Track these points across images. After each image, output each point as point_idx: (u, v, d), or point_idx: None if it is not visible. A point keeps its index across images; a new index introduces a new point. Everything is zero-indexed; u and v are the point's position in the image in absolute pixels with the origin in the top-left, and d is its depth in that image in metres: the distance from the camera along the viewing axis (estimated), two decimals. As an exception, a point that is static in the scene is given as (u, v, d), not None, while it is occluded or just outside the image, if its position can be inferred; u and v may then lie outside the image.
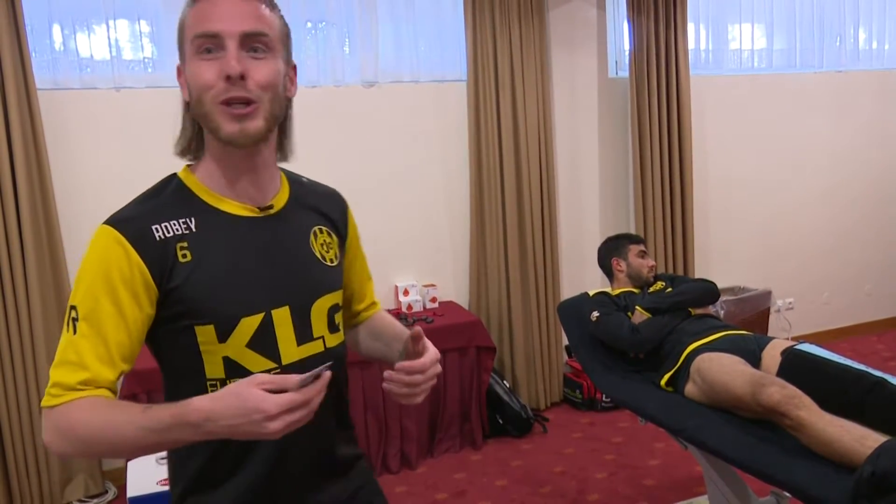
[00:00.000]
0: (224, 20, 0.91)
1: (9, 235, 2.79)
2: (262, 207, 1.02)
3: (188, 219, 0.96)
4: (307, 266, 1.03)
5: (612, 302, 2.49)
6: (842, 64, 4.49)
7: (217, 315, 0.95)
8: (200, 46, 0.92)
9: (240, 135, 0.93)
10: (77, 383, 0.89)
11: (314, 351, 1.03)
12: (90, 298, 0.91)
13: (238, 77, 0.91)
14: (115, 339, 0.92)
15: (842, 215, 4.59)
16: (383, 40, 3.44)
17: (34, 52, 2.90)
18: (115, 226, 0.93)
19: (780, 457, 1.66)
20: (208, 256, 0.96)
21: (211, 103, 0.92)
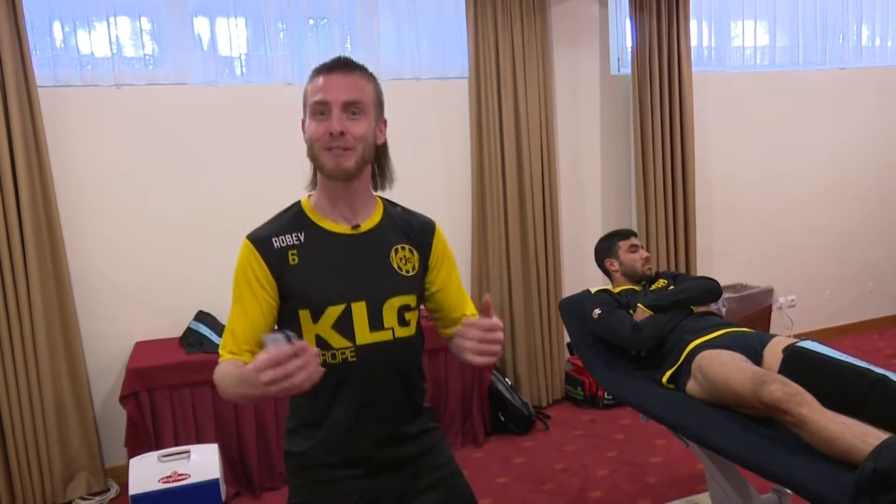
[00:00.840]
0: (332, 92, 1.27)
1: (9, 231, 2.79)
2: (353, 226, 1.36)
3: (299, 233, 1.34)
4: (384, 273, 1.36)
5: (613, 300, 2.49)
6: (845, 61, 4.47)
7: (311, 303, 1.30)
8: (315, 110, 1.29)
9: (336, 169, 1.29)
10: (231, 349, 1.29)
11: (384, 338, 1.34)
12: (237, 289, 1.32)
13: (339, 134, 1.27)
14: (253, 316, 1.30)
15: (844, 212, 4.58)
16: (385, 37, 3.43)
17: (35, 50, 2.90)
18: (251, 239, 1.33)
19: (782, 454, 1.65)
20: (310, 261, 1.32)
21: (319, 149, 1.29)
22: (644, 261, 2.59)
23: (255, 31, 3.26)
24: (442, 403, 3.25)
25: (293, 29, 3.29)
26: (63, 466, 2.96)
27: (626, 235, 2.67)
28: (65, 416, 2.96)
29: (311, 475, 1.36)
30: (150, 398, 2.79)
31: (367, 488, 1.35)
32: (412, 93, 3.50)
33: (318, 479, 1.35)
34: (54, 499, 2.96)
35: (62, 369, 2.93)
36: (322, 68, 1.31)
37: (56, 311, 2.92)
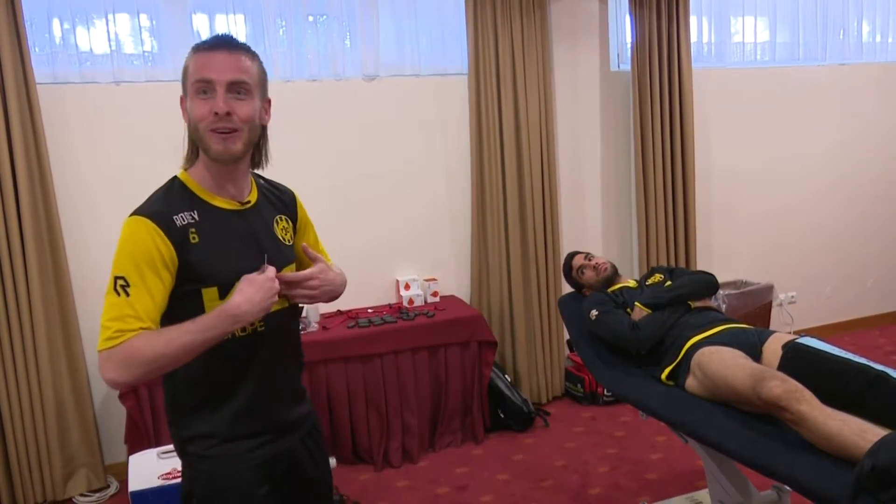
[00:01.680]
0: (216, 70, 1.25)
1: (9, 229, 2.79)
2: (241, 203, 1.38)
3: (192, 211, 1.31)
4: (274, 245, 1.41)
5: (609, 299, 2.48)
6: (845, 57, 4.46)
7: (219, 279, 1.30)
8: (197, 88, 1.27)
9: (224, 152, 1.29)
10: (137, 329, 1.21)
11: (282, 305, 1.40)
12: (136, 270, 1.23)
13: (224, 114, 1.26)
14: (159, 297, 1.25)
15: (845, 209, 4.58)
16: (384, 34, 3.43)
17: (34, 47, 2.89)
18: (150, 217, 1.26)
19: (781, 451, 1.65)
20: (209, 238, 1.30)
21: (203, 130, 1.28)
22: (597, 271, 2.66)
23: (255, 28, 3.25)
24: (442, 400, 3.25)
25: (292, 25, 3.28)
26: (63, 463, 2.97)
27: (569, 269, 2.77)
28: (65, 413, 2.96)
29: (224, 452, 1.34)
30: (149, 395, 2.80)
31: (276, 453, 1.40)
32: (412, 89, 3.50)
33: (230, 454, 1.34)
34: (54, 495, 2.97)
35: (62, 367, 2.94)
36: (204, 45, 1.28)
37: (56, 309, 2.92)
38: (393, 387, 3.14)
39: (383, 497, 2.86)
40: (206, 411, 1.34)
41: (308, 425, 1.50)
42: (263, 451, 1.38)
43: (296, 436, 1.46)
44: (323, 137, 3.38)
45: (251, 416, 1.36)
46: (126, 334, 1.20)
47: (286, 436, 1.43)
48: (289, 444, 1.44)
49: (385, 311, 3.39)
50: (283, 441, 1.42)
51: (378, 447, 3.13)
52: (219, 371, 1.33)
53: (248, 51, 1.32)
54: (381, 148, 3.48)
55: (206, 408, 1.35)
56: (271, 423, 1.40)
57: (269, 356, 1.38)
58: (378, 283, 3.54)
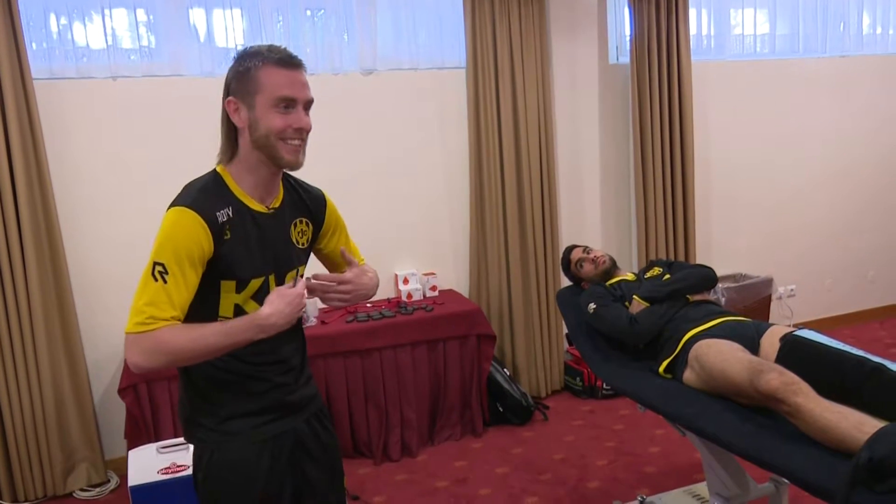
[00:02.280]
0: (299, 89, 1.37)
1: (7, 226, 2.79)
2: (268, 207, 1.45)
3: (229, 209, 1.37)
4: (287, 247, 1.49)
5: (608, 292, 2.48)
6: (845, 49, 4.44)
7: (238, 275, 1.39)
8: (279, 103, 1.34)
9: (296, 164, 1.40)
10: (169, 318, 1.27)
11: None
12: (176, 260, 1.28)
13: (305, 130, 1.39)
14: (192, 292, 1.32)
15: (845, 201, 4.57)
16: (382, 27, 3.41)
17: (31, 42, 2.89)
18: (198, 211, 1.31)
19: (779, 443, 1.65)
20: (239, 236, 1.38)
21: (276, 140, 1.36)
22: (595, 264, 2.65)
23: (252, 23, 3.24)
24: (441, 394, 3.26)
25: (290, 20, 3.27)
26: (63, 458, 2.97)
27: (567, 262, 2.77)
28: (64, 408, 2.97)
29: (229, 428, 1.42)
30: (148, 390, 2.80)
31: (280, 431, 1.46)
32: (409, 83, 3.49)
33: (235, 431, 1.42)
34: (55, 490, 2.98)
35: (61, 362, 2.94)
36: (283, 62, 1.35)
37: (55, 305, 2.92)
38: (392, 381, 3.14)
39: (382, 491, 2.87)
40: (215, 390, 1.42)
41: (313, 407, 1.56)
42: (267, 428, 1.45)
43: (300, 417, 1.52)
44: (320, 132, 3.34)
45: (256, 395, 1.44)
46: (158, 322, 1.26)
47: (290, 416, 1.49)
48: (293, 423, 1.50)
49: (384, 305, 3.39)
50: (288, 420, 1.49)
51: (377, 441, 3.13)
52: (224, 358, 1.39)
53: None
54: (379, 142, 3.48)
55: (215, 387, 1.42)
56: (276, 403, 1.46)
57: (273, 348, 1.44)
58: (377, 278, 3.53)
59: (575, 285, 2.80)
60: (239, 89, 1.37)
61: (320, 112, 3.39)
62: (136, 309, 1.27)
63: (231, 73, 1.39)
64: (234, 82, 1.38)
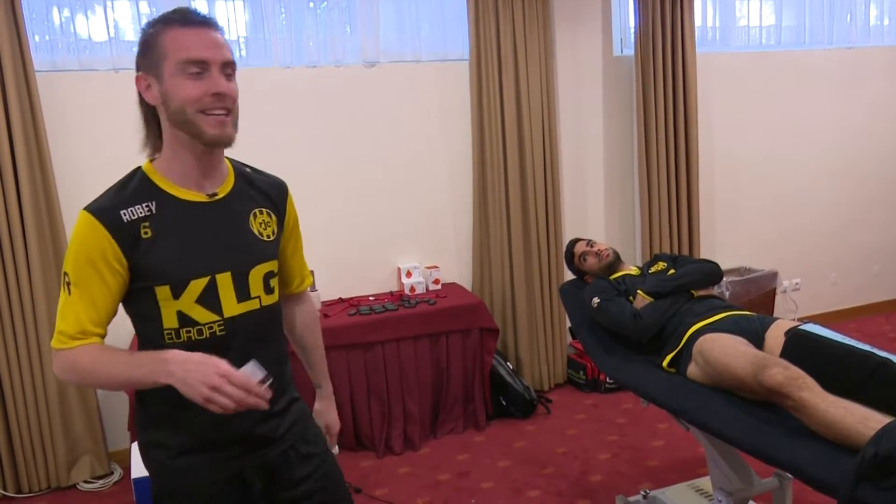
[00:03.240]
0: (210, 49, 1.17)
1: (10, 217, 2.79)
2: (209, 195, 1.27)
3: (150, 203, 1.21)
4: (246, 241, 1.29)
5: (611, 287, 2.47)
6: (852, 40, 4.40)
7: (171, 278, 1.20)
8: (188, 69, 1.16)
9: (222, 137, 1.20)
10: (76, 333, 1.18)
11: (252, 307, 1.29)
12: (78, 270, 1.17)
13: (223, 95, 1.18)
14: (101, 300, 1.19)
15: (850, 195, 4.54)
16: (385, 19, 3.39)
17: (33, 35, 2.88)
18: (94, 214, 1.18)
19: (783, 438, 1.64)
20: (165, 233, 1.21)
21: (194, 113, 1.17)
22: (599, 257, 2.63)
23: (255, 14, 3.23)
24: (443, 388, 3.26)
25: (293, 12, 3.25)
26: (66, 450, 2.98)
27: (571, 256, 2.75)
28: (68, 400, 2.97)
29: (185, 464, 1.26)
30: (152, 383, 2.80)
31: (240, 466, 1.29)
32: (412, 75, 3.47)
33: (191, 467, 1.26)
34: (58, 482, 2.99)
35: (64, 355, 2.94)
36: (180, 21, 1.18)
37: (57, 297, 2.91)
38: (394, 374, 3.14)
39: (385, 484, 2.87)
40: (168, 417, 1.25)
41: (292, 437, 1.36)
42: (230, 465, 1.28)
43: (274, 450, 1.33)
44: (323, 124, 3.36)
45: (215, 427, 1.24)
46: (69, 342, 1.18)
47: (259, 450, 1.31)
48: (263, 458, 1.32)
49: (386, 298, 3.39)
50: (256, 455, 1.31)
51: (380, 434, 3.13)
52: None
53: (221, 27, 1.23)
54: (382, 134, 3.46)
55: (168, 414, 1.25)
56: (239, 437, 1.28)
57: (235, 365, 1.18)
58: (379, 271, 3.53)
59: (578, 279, 2.79)
60: (145, 62, 1.19)
61: (323, 104, 3.41)
62: (56, 324, 1.20)
63: (138, 47, 1.22)
64: (140, 55, 1.20)
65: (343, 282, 3.46)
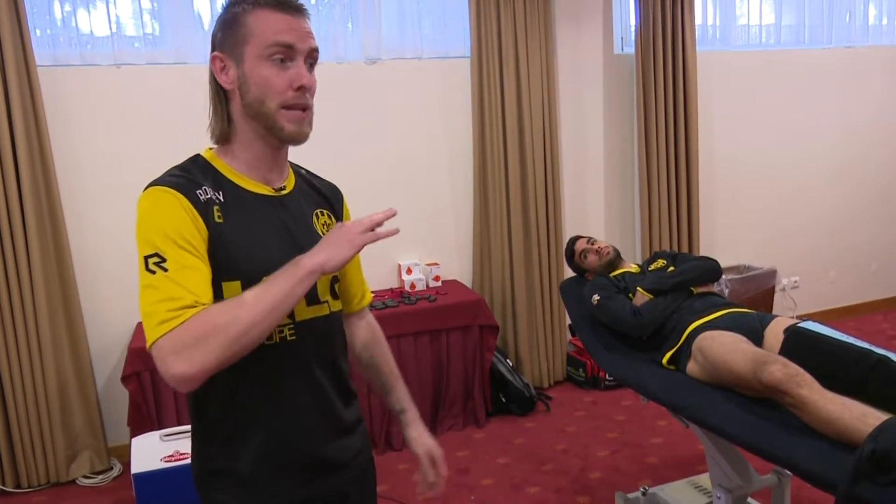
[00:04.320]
0: (299, 36, 1.07)
1: (10, 212, 2.79)
2: (276, 189, 1.16)
3: (217, 191, 1.09)
4: (313, 241, 1.10)
5: (612, 284, 2.48)
6: (851, 40, 4.41)
7: (243, 273, 1.05)
8: (274, 54, 1.06)
9: (300, 135, 1.10)
10: (192, 302, 0.97)
11: (321, 313, 1.16)
12: (171, 244, 1.00)
13: (306, 90, 1.08)
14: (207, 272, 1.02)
15: (849, 193, 4.55)
16: (386, 16, 3.40)
17: (34, 29, 2.88)
18: (170, 186, 1.04)
19: (782, 435, 1.65)
20: (236, 223, 1.08)
21: (276, 107, 1.07)
22: (599, 255, 2.64)
23: (256, 10, 3.22)
24: (443, 384, 3.26)
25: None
26: (66, 445, 2.99)
27: (571, 253, 2.76)
28: (68, 396, 2.98)
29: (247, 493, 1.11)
30: (151, 378, 2.81)
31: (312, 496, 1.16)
32: (414, 72, 3.47)
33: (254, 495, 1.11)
34: (58, 477, 2.99)
35: (65, 350, 2.95)
36: (279, 4, 1.06)
37: (58, 292, 2.92)
38: (395, 371, 3.14)
39: (385, 479, 2.88)
40: (228, 444, 1.11)
41: (359, 464, 1.24)
42: (296, 493, 1.14)
43: (343, 477, 1.20)
44: (324, 121, 3.33)
45: (280, 450, 1.12)
46: (184, 314, 0.95)
47: (326, 476, 1.17)
48: (331, 485, 1.18)
49: (387, 295, 3.39)
50: (323, 483, 1.17)
51: (380, 430, 3.14)
52: (242, 394, 1.10)
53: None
54: (383, 131, 3.46)
55: (228, 440, 1.11)
56: (306, 461, 1.15)
57: (302, 373, 1.13)
58: (380, 268, 3.54)
59: (578, 276, 2.80)
60: (225, 41, 1.08)
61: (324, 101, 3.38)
62: (147, 314, 0.97)
63: (217, 25, 1.11)
64: (220, 33, 1.09)
65: (343, 278, 3.46)
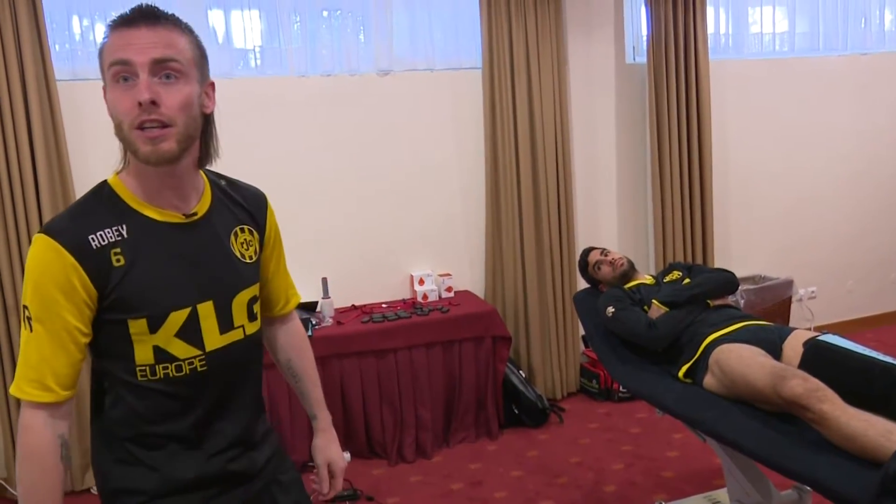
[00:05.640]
0: (135, 49, 0.99)
1: (30, 224, 2.83)
2: (186, 214, 1.12)
3: (120, 226, 1.06)
4: (228, 265, 1.15)
5: (626, 296, 2.46)
6: (867, 46, 4.37)
7: (149, 310, 1.06)
8: (116, 74, 1.01)
9: (153, 155, 1.02)
10: (42, 384, 1.02)
11: (235, 338, 1.17)
12: (40, 303, 1.01)
13: (149, 103, 0.99)
14: (69, 339, 1.03)
15: (866, 201, 4.50)
16: (398, 28, 3.41)
17: (54, 44, 2.92)
18: (59, 238, 1.01)
19: (802, 451, 1.62)
20: (139, 259, 1.06)
21: (128, 129, 1.01)
22: (613, 267, 2.64)
23: (270, 24, 3.25)
24: (455, 396, 3.25)
25: (307, 21, 3.28)
26: (80, 456, 3.00)
27: (585, 265, 2.76)
28: (82, 406, 2.99)
29: None
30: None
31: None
32: (425, 84, 3.48)
33: None
34: (72, 486, 3.01)
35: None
36: (119, 21, 1.01)
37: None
38: (407, 382, 3.14)
39: (397, 492, 2.87)
40: (135, 462, 1.11)
41: (268, 474, 1.25)
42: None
43: (251, 488, 1.22)
44: (337, 132, 3.38)
45: (188, 468, 1.13)
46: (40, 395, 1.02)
47: (235, 490, 1.19)
48: (240, 499, 1.20)
49: (399, 306, 3.39)
50: (232, 496, 1.19)
51: (392, 442, 3.13)
52: (150, 417, 1.11)
53: (177, 23, 1.05)
54: (395, 142, 3.47)
55: (135, 459, 1.12)
56: (215, 476, 1.16)
57: (215, 401, 1.14)
58: (392, 279, 3.54)
59: (592, 287, 2.78)
60: (101, 72, 1.05)
61: (337, 113, 3.42)
62: (19, 361, 1.04)
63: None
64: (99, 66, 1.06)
65: (356, 289, 3.46)
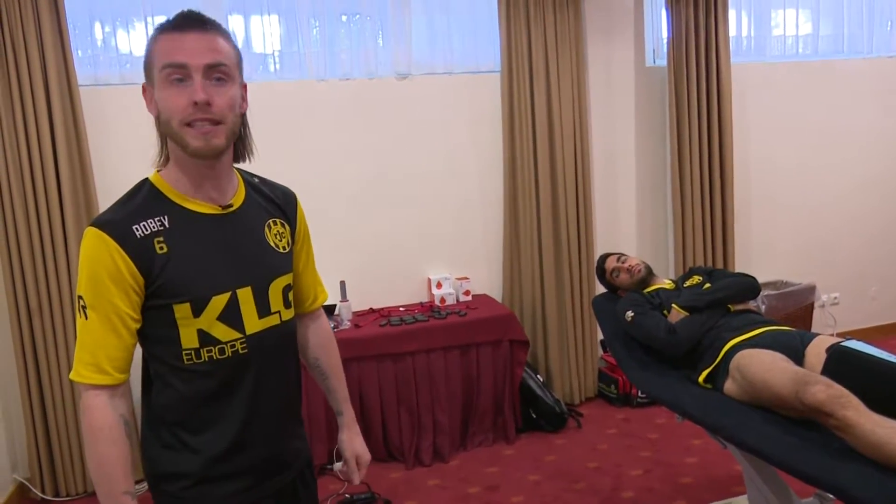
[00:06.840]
0: (190, 53, 1.09)
1: (53, 227, 2.87)
2: (223, 206, 1.21)
3: (162, 217, 1.15)
4: (264, 253, 1.24)
5: (645, 300, 2.44)
6: (892, 49, 4.31)
7: (192, 294, 1.14)
8: (170, 76, 1.10)
9: (205, 149, 1.12)
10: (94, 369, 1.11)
11: (273, 323, 1.24)
12: (93, 291, 1.11)
13: (205, 104, 1.10)
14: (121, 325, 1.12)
15: (890, 205, 4.42)
16: (417, 32, 3.43)
17: (76, 50, 2.97)
18: (106, 229, 1.11)
19: (825, 458, 1.60)
20: (181, 247, 1.15)
21: (178, 125, 1.11)
22: (630, 273, 2.63)
23: (289, 28, 3.28)
24: (473, 400, 3.24)
25: (326, 25, 3.30)
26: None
27: (602, 271, 2.76)
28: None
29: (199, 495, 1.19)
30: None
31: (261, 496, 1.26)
32: (444, 87, 3.49)
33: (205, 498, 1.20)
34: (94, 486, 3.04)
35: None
36: (170, 26, 1.11)
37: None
38: (424, 385, 3.14)
39: (414, 495, 2.87)
40: (180, 447, 1.20)
41: (301, 462, 1.34)
42: (246, 495, 1.23)
43: (286, 476, 1.30)
44: (355, 136, 3.40)
45: (232, 454, 1.21)
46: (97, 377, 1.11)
47: (274, 477, 1.28)
48: (277, 485, 1.28)
49: (417, 309, 3.40)
50: (271, 483, 1.27)
51: (409, 445, 3.13)
52: (195, 402, 1.18)
53: (222, 29, 1.15)
54: (414, 146, 3.48)
55: (181, 443, 1.20)
56: (256, 462, 1.24)
57: (255, 385, 1.22)
58: (410, 282, 3.55)
59: (611, 292, 2.76)
60: (145, 71, 1.16)
61: (356, 116, 3.44)
62: (76, 347, 1.13)
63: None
64: (144, 66, 1.16)
65: (374, 292, 3.48)
